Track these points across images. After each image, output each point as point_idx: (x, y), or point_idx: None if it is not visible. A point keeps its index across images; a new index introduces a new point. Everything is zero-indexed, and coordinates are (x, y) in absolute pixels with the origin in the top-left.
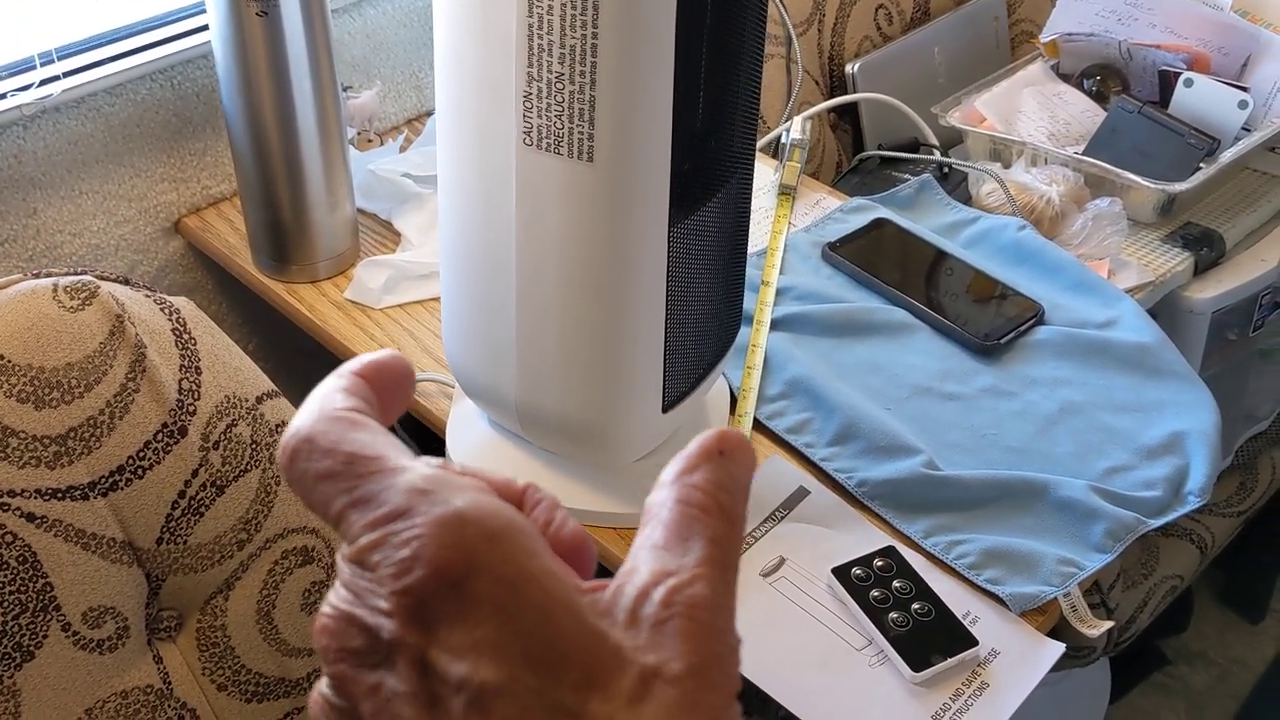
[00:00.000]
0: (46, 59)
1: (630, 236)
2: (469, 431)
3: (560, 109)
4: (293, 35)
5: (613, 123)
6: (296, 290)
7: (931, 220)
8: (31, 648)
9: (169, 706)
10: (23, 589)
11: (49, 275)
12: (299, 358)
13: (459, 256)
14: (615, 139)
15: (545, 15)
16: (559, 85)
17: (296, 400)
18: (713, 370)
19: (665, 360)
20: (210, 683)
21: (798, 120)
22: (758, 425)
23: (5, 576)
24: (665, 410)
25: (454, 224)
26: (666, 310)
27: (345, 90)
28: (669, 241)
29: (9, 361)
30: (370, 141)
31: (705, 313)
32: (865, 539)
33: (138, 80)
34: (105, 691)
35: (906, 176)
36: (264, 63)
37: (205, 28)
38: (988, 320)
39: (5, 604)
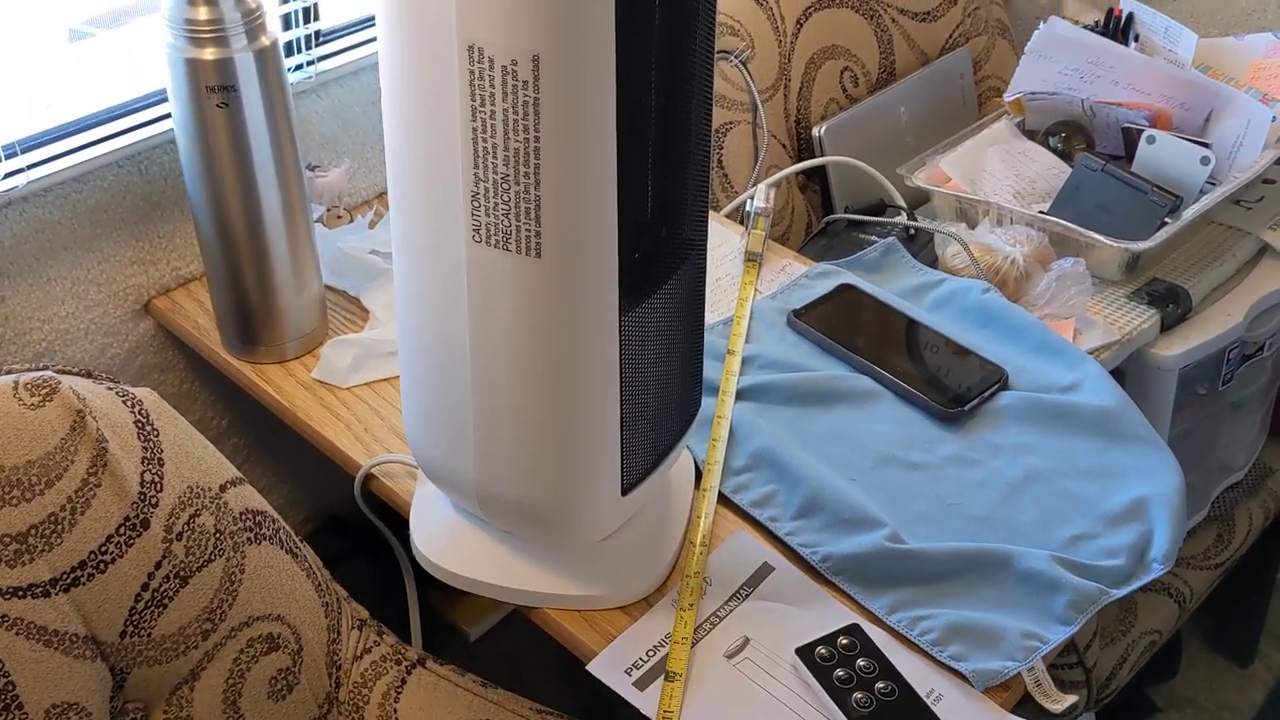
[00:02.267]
0: (10, 152)
1: (580, 328)
2: (433, 513)
3: (507, 208)
4: (254, 124)
5: (558, 220)
6: (264, 371)
7: (897, 283)
8: None
9: None
10: None
11: (10, 372)
12: (271, 434)
13: (415, 346)
14: (561, 236)
15: (488, 120)
16: (504, 186)
17: (265, 481)
18: (673, 450)
19: (622, 445)
20: None
21: (762, 187)
22: (723, 499)
23: None
24: (625, 493)
25: (409, 315)
26: (621, 397)
27: (313, 169)
28: (620, 330)
29: None
30: (340, 218)
31: (662, 396)
32: (830, 616)
33: (104, 167)
34: None
35: (874, 239)
36: (226, 152)
37: (170, 115)
38: (952, 386)
39: None
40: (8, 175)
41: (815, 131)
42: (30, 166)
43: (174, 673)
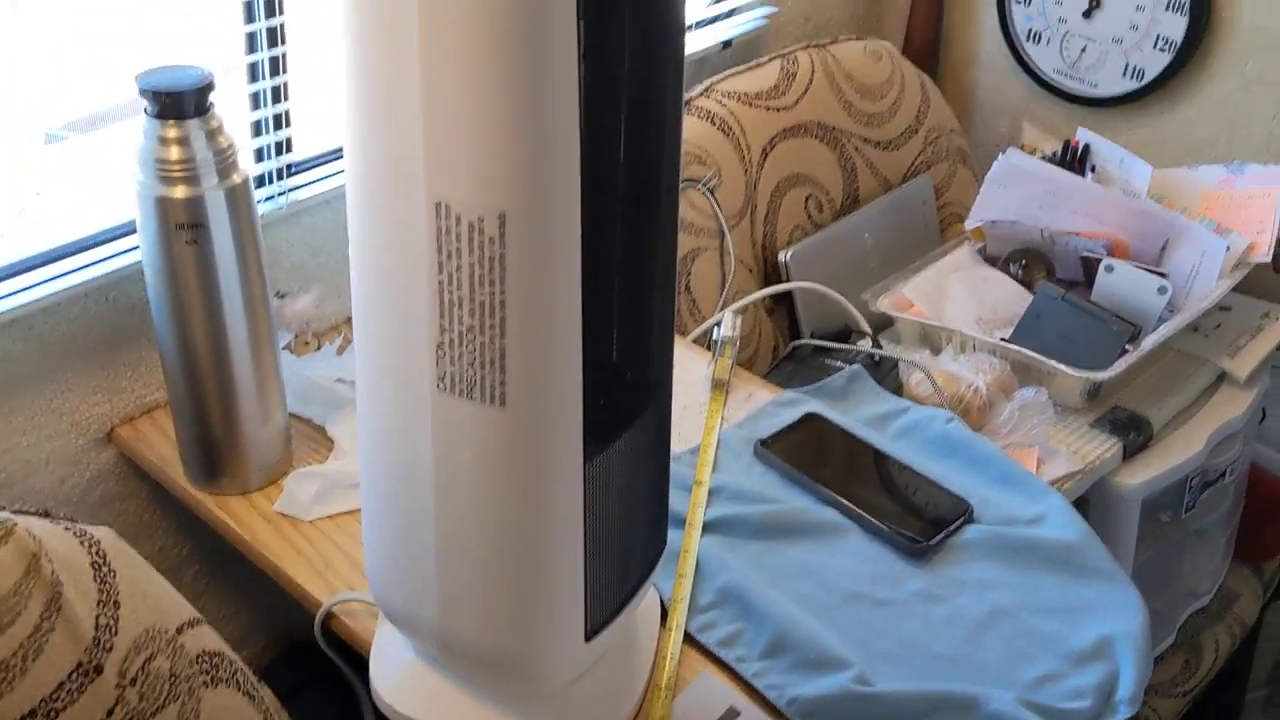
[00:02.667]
0: None
1: (544, 476)
2: (394, 655)
3: (472, 358)
4: (224, 260)
5: (523, 371)
6: (226, 503)
7: (862, 411)
8: None
9: None
10: None
11: None
12: (233, 561)
13: (377, 490)
14: (526, 385)
15: (455, 274)
16: (470, 337)
17: (225, 609)
18: (638, 591)
19: (586, 590)
20: None
21: (729, 315)
22: (688, 638)
23: None
24: (589, 638)
25: (372, 458)
26: (585, 543)
27: (282, 296)
28: (585, 476)
29: None
30: (307, 344)
31: (627, 538)
32: None
33: (71, 299)
34: None
35: (840, 364)
36: (195, 287)
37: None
38: (918, 520)
39: None
40: None
41: (781, 257)
42: None
43: None
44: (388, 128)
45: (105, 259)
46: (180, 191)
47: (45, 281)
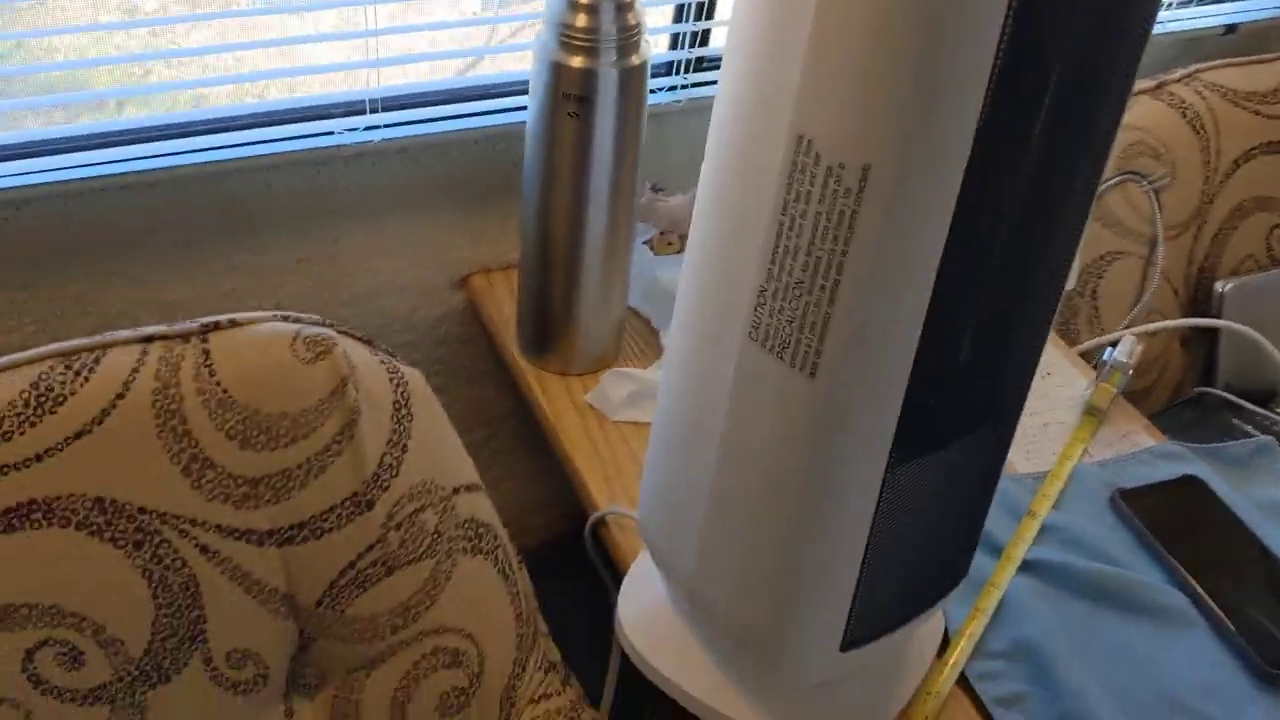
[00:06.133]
0: (375, 106)
1: (838, 467)
2: (647, 591)
3: (792, 315)
4: (601, 140)
5: (843, 347)
6: (544, 379)
7: (1260, 491)
8: (170, 672)
9: None
10: (178, 615)
11: (296, 321)
12: (535, 437)
13: (669, 418)
14: (843, 363)
15: (798, 219)
16: (796, 292)
17: (507, 486)
18: (916, 617)
19: (853, 601)
20: None
21: (1128, 338)
22: (962, 680)
23: (165, 599)
24: (844, 649)
25: (672, 385)
26: (866, 551)
27: (658, 191)
28: (884, 483)
29: (230, 397)
30: (670, 245)
31: (918, 559)
32: None
33: (463, 142)
34: None
35: (1250, 430)
36: (567, 161)
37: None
38: None
39: (158, 625)
40: (367, 128)
41: (1218, 287)
42: (387, 125)
43: (356, 655)
44: (769, 44)
45: (500, 111)
46: (577, 61)
47: (433, 120)
